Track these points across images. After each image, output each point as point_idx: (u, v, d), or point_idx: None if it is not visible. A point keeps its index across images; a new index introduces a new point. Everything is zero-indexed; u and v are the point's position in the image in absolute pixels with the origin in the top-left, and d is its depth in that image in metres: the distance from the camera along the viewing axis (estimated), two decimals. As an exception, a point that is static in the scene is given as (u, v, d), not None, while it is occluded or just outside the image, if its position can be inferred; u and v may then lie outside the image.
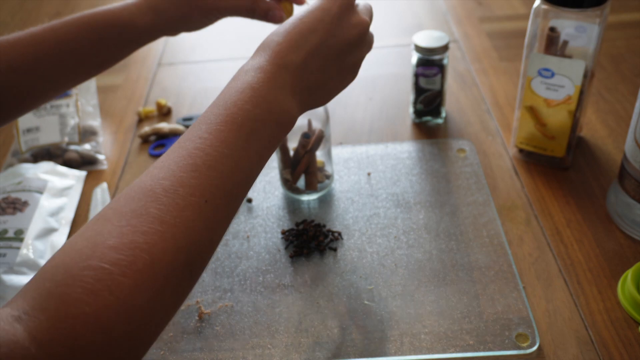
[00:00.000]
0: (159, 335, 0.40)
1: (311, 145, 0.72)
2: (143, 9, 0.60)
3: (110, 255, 0.34)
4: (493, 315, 0.61)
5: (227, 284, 0.67)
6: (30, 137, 0.87)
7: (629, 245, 0.69)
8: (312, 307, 0.64)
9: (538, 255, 0.68)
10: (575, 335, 0.60)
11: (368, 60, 1.05)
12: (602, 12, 0.67)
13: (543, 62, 0.71)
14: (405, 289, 0.65)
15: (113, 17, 0.59)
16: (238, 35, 1.17)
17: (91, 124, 0.92)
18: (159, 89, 1.03)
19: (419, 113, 0.89)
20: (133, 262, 0.35)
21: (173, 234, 0.37)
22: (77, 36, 0.58)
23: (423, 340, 0.60)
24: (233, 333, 0.62)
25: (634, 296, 0.61)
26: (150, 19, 0.61)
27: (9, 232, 0.73)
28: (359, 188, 0.78)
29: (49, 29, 0.58)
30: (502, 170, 0.80)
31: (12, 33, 0.58)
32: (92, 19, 0.59)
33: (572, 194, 0.76)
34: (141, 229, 0.36)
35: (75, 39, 0.58)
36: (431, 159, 0.82)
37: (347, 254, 0.70)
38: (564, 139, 0.76)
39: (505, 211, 0.74)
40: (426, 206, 0.75)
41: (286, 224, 0.74)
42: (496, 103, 0.93)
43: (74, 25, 0.58)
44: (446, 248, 0.69)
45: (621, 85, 0.94)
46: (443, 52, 0.82)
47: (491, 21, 1.15)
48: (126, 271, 0.34)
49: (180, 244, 0.37)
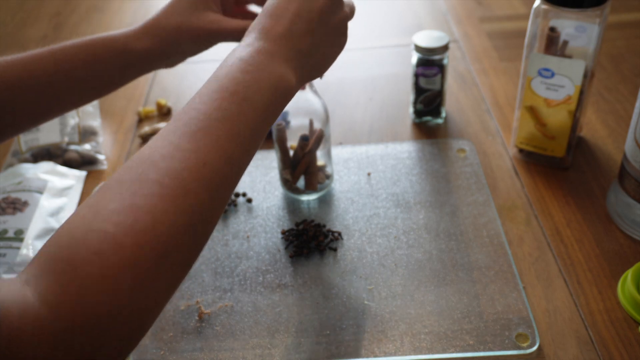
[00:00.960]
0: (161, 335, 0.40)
1: (311, 146, 0.72)
2: (138, 34, 0.63)
3: (112, 218, 0.35)
4: (493, 315, 0.61)
5: (227, 284, 0.67)
6: (30, 137, 0.87)
7: (629, 245, 0.69)
8: (312, 307, 0.64)
9: (538, 255, 0.69)
10: (575, 335, 0.60)
11: (368, 60, 1.06)
12: (602, 12, 0.67)
13: (543, 62, 0.71)
14: (405, 289, 0.65)
15: (110, 41, 0.61)
16: (238, 35, 1.17)
17: (91, 124, 0.92)
18: (159, 89, 1.03)
19: (419, 113, 0.89)
20: (134, 223, 0.35)
21: (173, 195, 0.37)
22: (74, 58, 0.60)
23: (423, 340, 0.60)
24: (233, 333, 0.62)
25: (634, 296, 0.61)
26: (144, 44, 0.62)
27: (9, 232, 0.73)
28: (359, 188, 0.78)
29: (47, 51, 0.59)
30: (502, 170, 0.80)
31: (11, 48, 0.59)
32: (90, 43, 0.61)
33: (572, 194, 0.76)
34: (141, 192, 0.37)
35: (72, 60, 0.60)
36: (431, 159, 0.82)
37: (347, 254, 0.70)
38: (564, 139, 0.76)
39: (505, 211, 0.74)
40: (426, 206, 0.75)
41: (286, 224, 0.74)
42: (496, 103, 0.93)
43: (71, 48, 0.60)
44: (446, 248, 0.69)
45: (621, 85, 0.94)
46: (443, 52, 0.82)
47: (491, 21, 1.15)
48: (128, 232, 0.35)
49: (181, 205, 0.38)
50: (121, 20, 1.25)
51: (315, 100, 0.71)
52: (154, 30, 0.63)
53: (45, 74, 0.59)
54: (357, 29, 1.17)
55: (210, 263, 0.70)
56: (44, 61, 0.59)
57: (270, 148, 0.87)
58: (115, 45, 0.61)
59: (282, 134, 0.72)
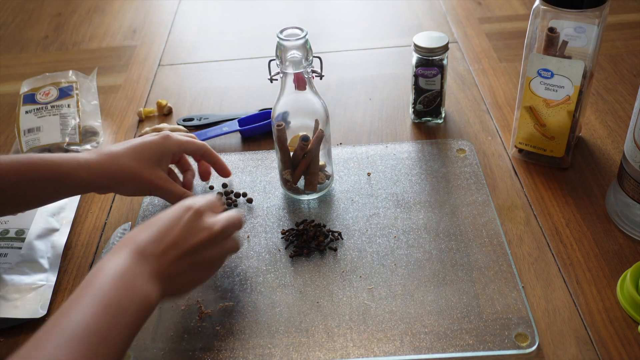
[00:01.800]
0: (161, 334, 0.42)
1: (310, 147, 0.73)
2: (91, 164, 0.67)
3: None
4: (492, 315, 0.62)
5: (227, 284, 0.68)
6: (31, 137, 0.87)
7: (628, 245, 0.69)
8: (312, 307, 0.64)
9: (537, 255, 0.69)
10: (575, 334, 0.60)
11: (368, 60, 1.06)
12: (601, 12, 0.67)
13: (542, 62, 0.72)
14: (405, 288, 0.65)
15: (56, 166, 0.66)
16: (238, 35, 1.17)
17: (92, 124, 0.92)
18: (159, 90, 1.03)
19: (419, 113, 0.89)
20: None
21: None
22: (20, 174, 0.64)
23: (423, 340, 0.60)
24: (233, 333, 0.62)
25: (633, 296, 0.61)
26: (90, 176, 0.67)
27: (10, 232, 0.73)
28: (359, 188, 0.79)
29: None
30: (501, 170, 0.81)
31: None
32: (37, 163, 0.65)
33: (571, 194, 0.76)
34: None
35: (17, 174, 0.64)
36: (431, 159, 0.82)
37: (347, 254, 0.70)
38: (563, 139, 0.76)
39: (505, 211, 0.74)
40: (426, 206, 0.75)
41: (286, 224, 0.74)
42: (496, 103, 0.93)
43: (20, 164, 0.64)
44: (446, 248, 0.69)
45: (620, 86, 0.94)
46: (443, 53, 0.83)
47: (491, 22, 1.15)
48: None
49: None
50: (121, 21, 1.25)
51: (315, 100, 0.71)
52: (108, 165, 0.68)
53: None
54: (357, 29, 1.17)
55: (211, 263, 0.70)
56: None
57: (271, 148, 0.87)
58: (60, 170, 0.65)
59: (282, 134, 0.72)
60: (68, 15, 1.29)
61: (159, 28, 1.22)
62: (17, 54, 1.17)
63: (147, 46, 1.16)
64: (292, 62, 0.67)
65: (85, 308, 0.48)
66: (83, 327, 0.46)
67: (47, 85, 0.94)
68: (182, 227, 0.57)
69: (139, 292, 0.52)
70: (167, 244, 0.56)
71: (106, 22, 1.26)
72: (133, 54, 1.14)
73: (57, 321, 0.47)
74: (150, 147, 0.71)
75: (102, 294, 0.50)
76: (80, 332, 0.46)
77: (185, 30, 1.21)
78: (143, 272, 0.53)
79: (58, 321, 0.47)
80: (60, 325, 0.46)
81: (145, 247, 0.55)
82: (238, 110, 0.97)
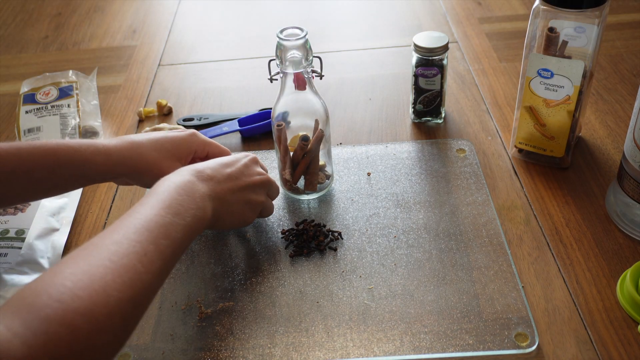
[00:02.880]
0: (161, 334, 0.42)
1: (310, 147, 0.73)
2: (111, 152, 0.66)
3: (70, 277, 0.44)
4: (492, 315, 0.62)
5: (227, 284, 0.68)
6: (32, 137, 0.88)
7: (628, 245, 0.69)
8: (312, 307, 0.64)
9: (537, 255, 0.69)
10: (575, 334, 0.60)
11: (368, 60, 1.06)
12: (601, 12, 0.67)
13: (542, 62, 0.72)
14: (405, 288, 0.65)
15: (73, 152, 0.64)
16: (238, 35, 1.17)
17: (92, 124, 0.92)
18: (159, 89, 1.03)
19: (419, 113, 0.89)
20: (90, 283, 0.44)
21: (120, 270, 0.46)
22: (38, 160, 0.63)
23: (423, 340, 0.60)
24: (233, 333, 0.62)
25: (633, 296, 0.61)
26: (108, 164, 0.66)
27: (10, 232, 0.73)
28: (359, 188, 0.79)
29: (15, 148, 0.62)
30: (501, 170, 0.81)
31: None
32: (56, 149, 0.64)
33: (571, 193, 0.76)
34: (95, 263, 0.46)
35: (36, 161, 0.63)
36: (431, 159, 0.82)
37: (347, 253, 0.70)
38: (563, 139, 0.76)
39: (505, 211, 0.74)
40: (426, 206, 0.75)
41: (286, 224, 0.74)
42: (495, 103, 0.93)
43: (37, 149, 0.63)
44: (446, 248, 0.69)
45: (620, 86, 0.94)
46: (443, 53, 0.83)
47: (491, 22, 1.15)
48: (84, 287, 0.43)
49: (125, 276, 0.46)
50: (121, 21, 1.26)
51: (315, 100, 0.71)
52: (128, 153, 0.67)
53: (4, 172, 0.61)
54: (357, 29, 1.17)
55: (211, 263, 0.70)
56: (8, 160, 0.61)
57: (271, 148, 0.87)
58: (77, 155, 0.64)
59: (282, 133, 0.72)
60: (68, 15, 1.29)
61: (159, 28, 1.23)
62: (17, 54, 1.17)
63: (147, 46, 1.16)
64: (292, 62, 0.67)
65: (149, 208, 0.54)
66: (148, 220, 0.52)
67: (47, 85, 0.94)
68: (240, 166, 0.66)
69: (198, 201, 0.58)
70: (225, 175, 0.64)
71: (106, 22, 1.26)
72: (133, 54, 1.14)
73: (125, 217, 0.53)
74: (173, 141, 0.70)
75: (164, 197, 0.56)
76: (145, 224, 0.52)
77: (185, 31, 1.21)
78: (201, 188, 0.60)
79: (126, 217, 0.53)
80: (128, 220, 0.52)
81: (204, 171, 0.62)
82: (238, 110, 0.97)
